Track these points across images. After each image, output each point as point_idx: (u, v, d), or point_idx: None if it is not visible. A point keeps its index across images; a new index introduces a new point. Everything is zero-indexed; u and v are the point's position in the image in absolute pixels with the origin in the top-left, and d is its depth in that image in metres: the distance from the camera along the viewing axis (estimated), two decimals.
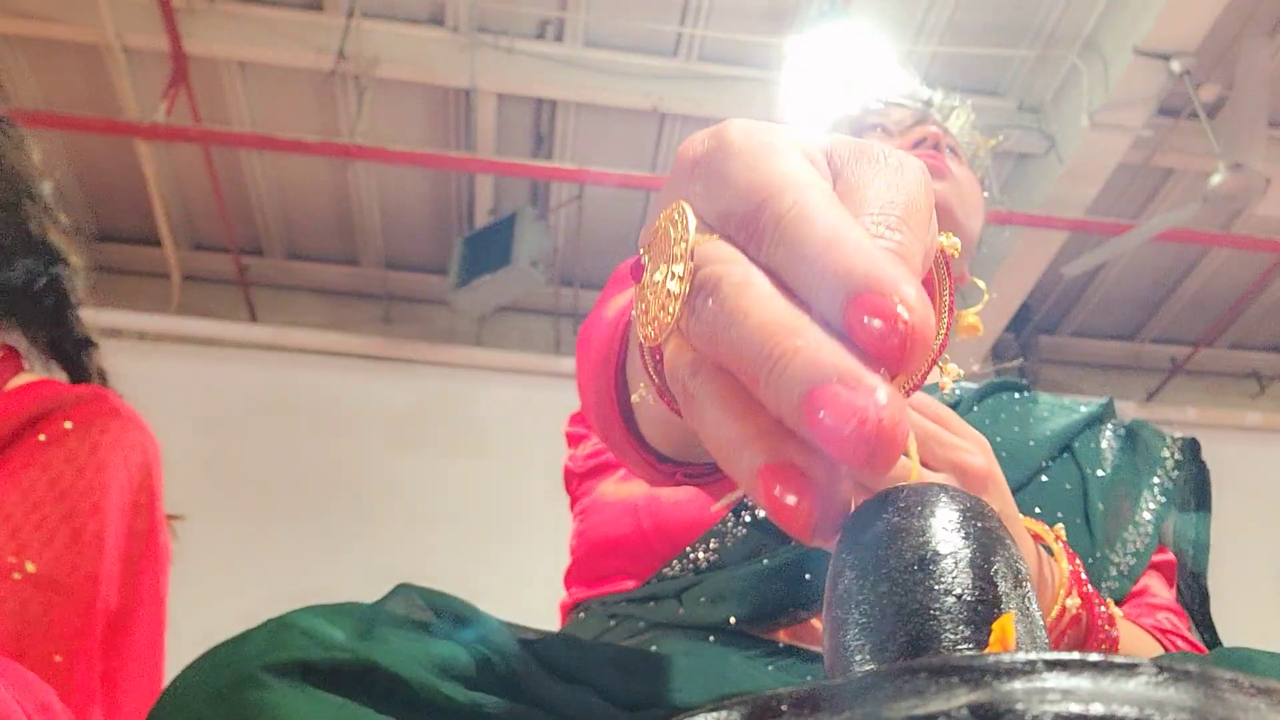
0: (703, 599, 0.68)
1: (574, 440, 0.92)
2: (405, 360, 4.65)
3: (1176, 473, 0.87)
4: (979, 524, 0.29)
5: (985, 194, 0.98)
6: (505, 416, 4.46)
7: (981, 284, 0.90)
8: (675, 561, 0.72)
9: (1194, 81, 3.71)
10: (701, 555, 0.71)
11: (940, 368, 0.34)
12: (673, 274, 0.31)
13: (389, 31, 4.03)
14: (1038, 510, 0.78)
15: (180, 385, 4.27)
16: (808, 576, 0.69)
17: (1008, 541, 0.29)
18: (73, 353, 1.06)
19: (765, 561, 0.71)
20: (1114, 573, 0.80)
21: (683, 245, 0.31)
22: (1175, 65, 3.64)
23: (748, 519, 0.74)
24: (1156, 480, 0.86)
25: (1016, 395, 0.92)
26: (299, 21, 4.00)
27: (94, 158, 4.58)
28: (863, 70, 3.28)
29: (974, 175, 0.95)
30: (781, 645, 0.67)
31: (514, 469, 4.20)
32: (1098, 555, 0.79)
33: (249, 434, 4.26)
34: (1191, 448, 0.89)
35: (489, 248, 4.32)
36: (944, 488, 0.30)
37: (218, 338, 4.56)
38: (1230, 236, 4.53)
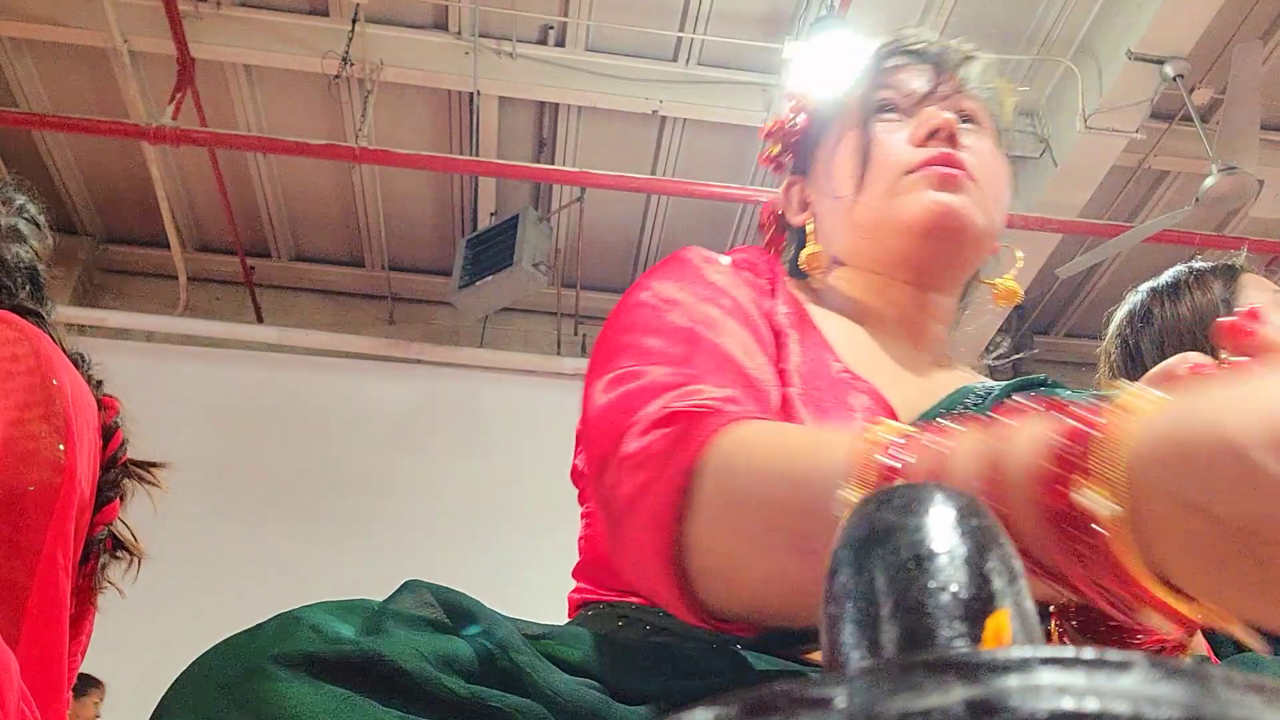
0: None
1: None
2: (409, 361, 4.68)
3: None
4: (974, 521, 0.29)
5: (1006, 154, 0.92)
6: (507, 416, 4.50)
7: (1020, 254, 0.90)
8: None
9: (1187, 85, 3.72)
10: None
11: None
12: None
13: (394, 36, 4.06)
14: None
15: (187, 386, 4.30)
16: None
17: (1002, 539, 0.29)
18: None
19: None
20: None
21: None
22: (1169, 69, 3.65)
23: None
24: None
25: (1041, 390, 0.89)
26: (304, 26, 4.03)
27: (101, 160, 4.61)
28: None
29: (993, 142, 0.89)
30: (790, 659, 0.65)
31: (516, 467, 4.25)
32: None
33: (255, 434, 4.28)
34: None
35: (492, 249, 4.36)
36: (940, 486, 0.30)
37: (224, 338, 4.58)
38: (1223, 238, 4.55)
